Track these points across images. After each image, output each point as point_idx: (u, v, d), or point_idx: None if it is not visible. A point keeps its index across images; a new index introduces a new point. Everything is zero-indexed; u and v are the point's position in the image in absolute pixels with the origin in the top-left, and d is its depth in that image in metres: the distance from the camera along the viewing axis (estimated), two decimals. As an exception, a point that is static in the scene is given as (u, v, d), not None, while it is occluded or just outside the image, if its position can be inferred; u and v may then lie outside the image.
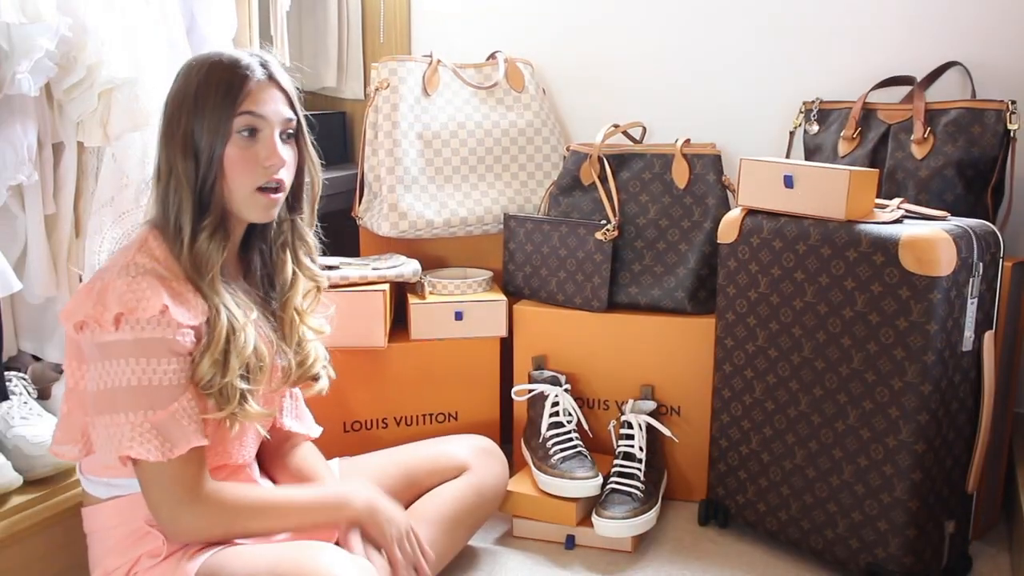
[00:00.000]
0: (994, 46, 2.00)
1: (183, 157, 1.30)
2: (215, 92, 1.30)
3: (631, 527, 1.77)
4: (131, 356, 1.25)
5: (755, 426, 1.78)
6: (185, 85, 1.32)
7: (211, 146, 1.30)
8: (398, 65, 2.19)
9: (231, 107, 1.30)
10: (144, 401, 1.25)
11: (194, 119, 1.30)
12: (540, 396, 1.97)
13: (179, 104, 1.32)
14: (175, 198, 1.31)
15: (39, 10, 1.43)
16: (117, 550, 1.35)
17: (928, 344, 1.53)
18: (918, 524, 1.59)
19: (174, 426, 1.26)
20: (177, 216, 1.31)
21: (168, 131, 1.32)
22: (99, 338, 1.25)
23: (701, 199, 2.02)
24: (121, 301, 1.23)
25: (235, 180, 1.32)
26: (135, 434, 1.24)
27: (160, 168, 1.34)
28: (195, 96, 1.30)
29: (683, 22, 2.28)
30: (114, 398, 1.25)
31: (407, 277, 2.08)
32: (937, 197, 1.84)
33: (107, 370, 1.25)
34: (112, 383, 1.25)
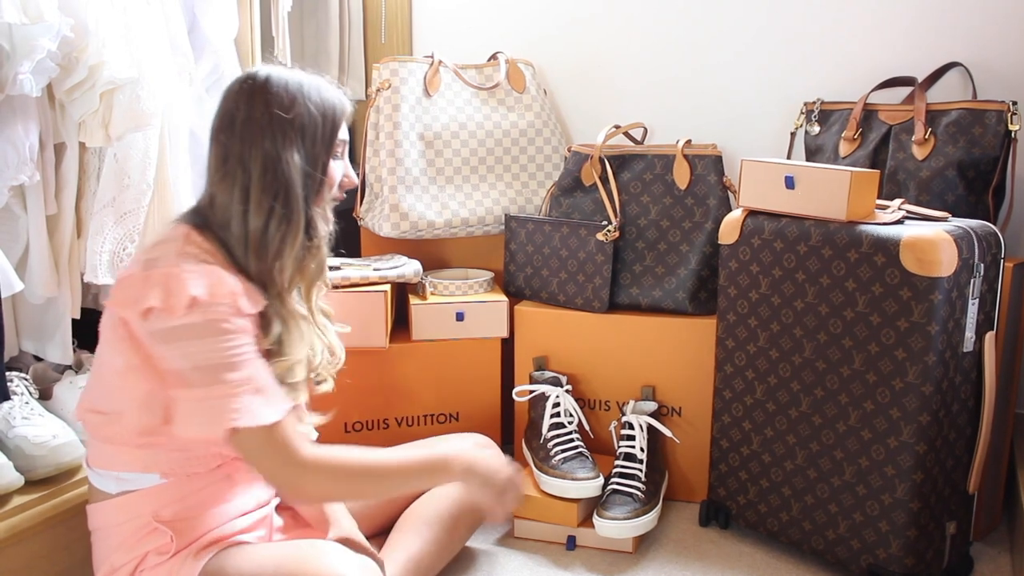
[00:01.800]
0: (995, 47, 2.00)
1: (300, 175, 1.35)
2: (323, 118, 1.38)
3: (632, 528, 1.77)
4: (208, 336, 1.26)
5: (756, 427, 1.78)
6: (287, 105, 1.35)
7: (323, 166, 1.39)
8: (399, 66, 2.19)
9: (335, 133, 1.40)
10: (234, 373, 1.27)
11: (303, 139, 1.36)
12: (541, 397, 1.97)
13: (285, 124, 1.35)
14: (285, 215, 1.34)
15: (41, 10, 1.43)
16: (124, 547, 1.35)
17: (929, 345, 1.53)
18: (919, 525, 1.59)
19: (271, 389, 1.30)
20: (284, 235, 1.35)
21: (273, 147, 1.34)
22: (171, 321, 1.25)
23: (702, 200, 2.02)
24: (196, 285, 1.26)
25: (326, 196, 1.42)
26: (239, 403, 1.26)
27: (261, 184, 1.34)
28: (307, 118, 1.36)
29: (685, 23, 2.28)
30: (203, 374, 1.26)
31: (408, 278, 2.08)
32: (938, 198, 1.84)
33: (188, 350, 1.26)
34: (196, 361, 1.26)
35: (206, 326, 1.26)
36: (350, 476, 1.36)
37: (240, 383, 1.26)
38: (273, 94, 1.35)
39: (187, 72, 1.79)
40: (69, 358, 1.77)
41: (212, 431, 1.26)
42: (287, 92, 1.36)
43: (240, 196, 1.34)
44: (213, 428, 1.26)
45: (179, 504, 1.35)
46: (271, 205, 1.33)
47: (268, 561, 1.31)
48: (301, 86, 1.37)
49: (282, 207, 1.34)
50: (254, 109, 1.35)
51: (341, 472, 1.35)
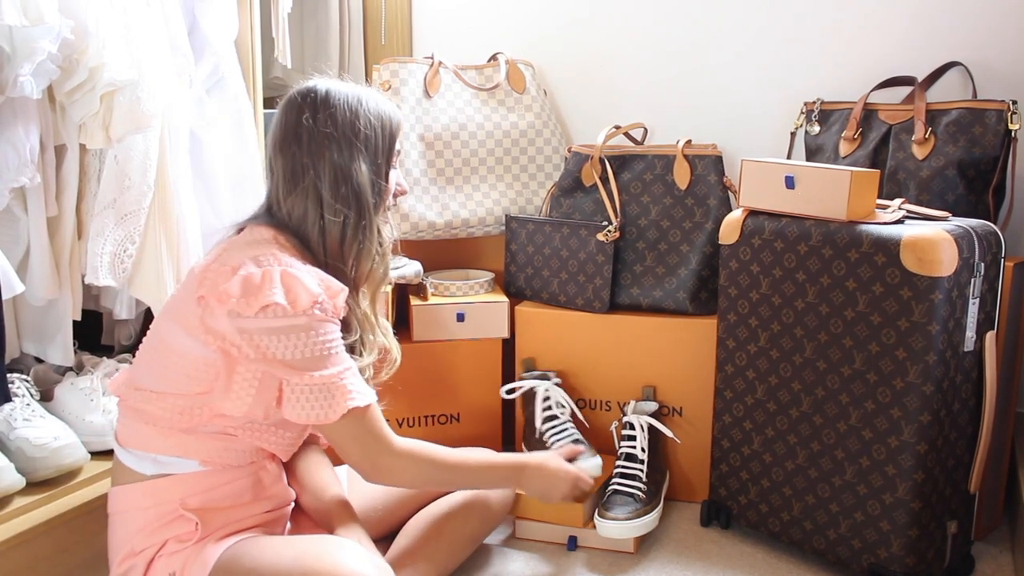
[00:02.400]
0: (995, 46, 2.00)
1: (369, 185, 1.43)
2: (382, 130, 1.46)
3: (633, 528, 1.77)
4: (320, 329, 1.34)
5: (757, 427, 1.78)
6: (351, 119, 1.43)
7: (385, 175, 1.47)
8: (399, 67, 2.19)
9: (394, 144, 1.48)
10: (339, 361, 1.37)
11: (367, 150, 1.43)
12: (530, 393, 1.97)
13: (351, 137, 1.42)
14: (361, 222, 1.43)
15: (41, 12, 1.43)
16: (146, 531, 1.35)
17: (930, 344, 1.53)
18: (920, 524, 1.59)
19: (364, 378, 1.42)
20: (363, 240, 1.43)
21: (341, 158, 1.42)
22: (291, 318, 1.31)
23: (703, 200, 2.02)
24: (316, 284, 1.34)
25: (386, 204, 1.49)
26: (350, 386, 1.36)
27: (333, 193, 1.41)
28: (371, 130, 1.44)
29: (684, 23, 2.28)
30: (323, 359, 1.34)
31: (409, 278, 2.09)
32: (938, 197, 1.84)
33: (306, 341, 1.33)
34: (316, 351, 1.33)
35: (318, 322, 1.33)
36: (435, 466, 1.50)
37: (345, 369, 1.36)
38: (337, 107, 1.43)
39: (187, 73, 1.79)
40: (70, 360, 1.78)
41: (323, 415, 1.34)
42: (349, 104, 1.43)
43: (315, 205, 1.41)
44: (326, 412, 1.34)
45: (207, 494, 1.37)
46: (345, 215, 1.41)
47: (286, 554, 1.32)
48: (360, 99, 1.45)
49: (356, 215, 1.42)
50: (320, 121, 1.42)
51: (427, 462, 1.49)
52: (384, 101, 1.48)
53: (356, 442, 1.40)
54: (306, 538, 1.40)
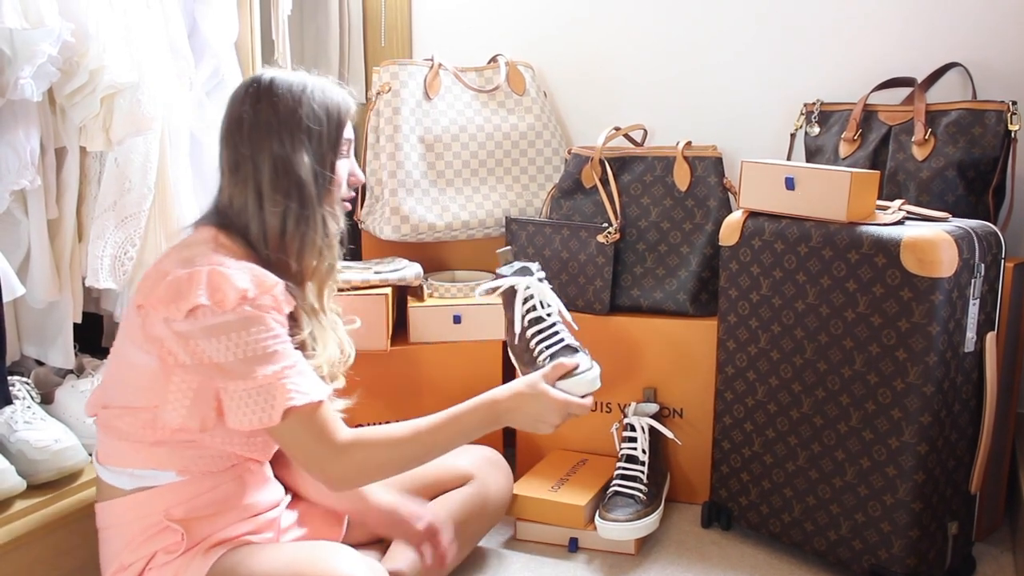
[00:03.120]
0: (995, 47, 2.00)
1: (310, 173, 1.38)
2: (329, 117, 1.41)
3: (634, 530, 1.77)
4: (253, 326, 1.28)
5: (758, 428, 1.78)
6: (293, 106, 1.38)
7: (331, 165, 1.41)
8: (399, 69, 2.19)
9: (341, 132, 1.43)
10: (280, 360, 1.30)
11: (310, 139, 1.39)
12: (511, 292, 1.67)
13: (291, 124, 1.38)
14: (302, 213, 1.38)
15: (41, 15, 1.43)
16: (132, 545, 1.35)
17: (930, 345, 1.53)
18: (921, 525, 1.59)
19: (310, 374, 1.34)
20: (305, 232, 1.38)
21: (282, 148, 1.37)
22: (217, 317, 1.27)
23: (703, 201, 2.03)
24: (242, 279, 1.29)
25: (335, 196, 1.44)
26: (290, 384, 1.29)
27: (272, 184, 1.37)
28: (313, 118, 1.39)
29: (684, 25, 2.28)
30: (251, 364, 1.28)
31: (409, 280, 2.08)
32: (938, 198, 1.84)
33: (241, 341, 1.28)
34: (248, 352, 1.28)
35: (252, 319, 1.29)
36: (391, 446, 1.38)
37: (287, 367, 1.30)
38: (279, 96, 1.38)
39: (187, 76, 1.79)
40: (71, 362, 1.78)
41: (266, 417, 1.28)
42: (292, 94, 1.39)
43: (254, 197, 1.37)
44: (268, 414, 1.28)
45: (190, 503, 1.36)
46: (285, 205, 1.37)
47: (278, 562, 1.32)
48: (305, 87, 1.40)
49: (297, 206, 1.37)
50: (261, 112, 1.38)
51: (380, 446, 1.37)
52: (332, 89, 1.44)
53: (300, 446, 1.33)
54: (300, 545, 1.39)
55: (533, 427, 1.48)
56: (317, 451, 1.32)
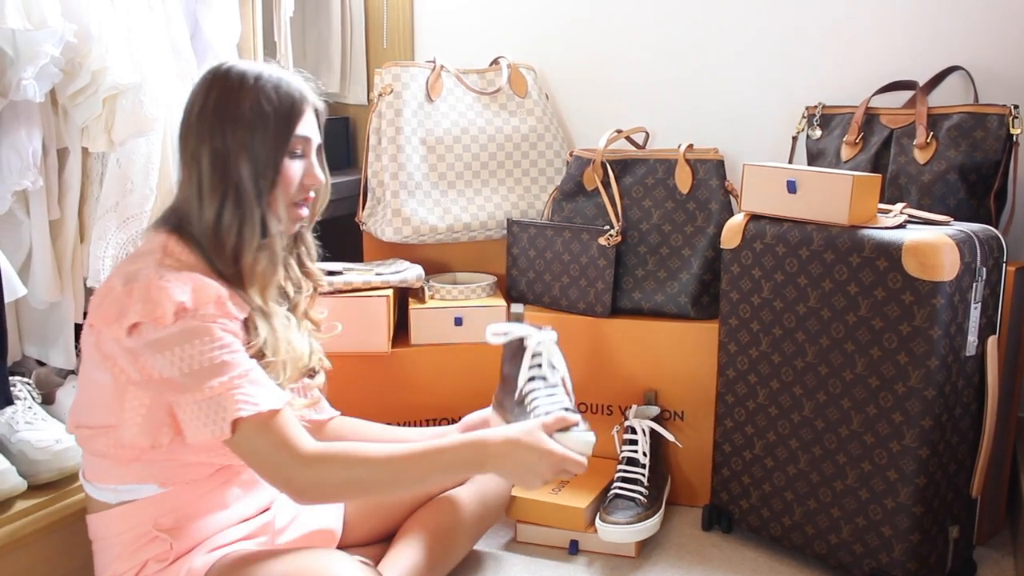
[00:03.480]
0: (997, 50, 2.00)
1: (248, 168, 1.33)
2: (277, 111, 1.34)
3: (635, 532, 1.77)
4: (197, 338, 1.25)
5: (758, 431, 1.78)
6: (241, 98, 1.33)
7: (274, 163, 1.34)
8: (401, 71, 2.19)
9: (290, 129, 1.35)
10: (228, 370, 1.26)
11: (255, 133, 1.33)
12: (519, 345, 1.59)
13: (236, 116, 1.33)
14: (236, 211, 1.33)
15: (44, 16, 1.44)
16: (124, 555, 1.35)
17: (931, 349, 1.53)
18: (922, 529, 1.58)
19: (264, 382, 1.29)
20: (240, 229, 1.33)
21: (225, 145, 1.33)
22: (158, 332, 1.25)
23: (704, 204, 2.03)
24: (179, 293, 1.25)
25: (281, 197, 1.37)
26: (239, 395, 1.25)
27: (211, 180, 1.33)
28: (258, 111, 1.33)
29: (686, 27, 2.28)
30: (199, 377, 1.25)
31: (410, 282, 2.09)
32: (940, 202, 1.84)
33: (179, 356, 1.25)
34: (192, 366, 1.25)
35: (195, 331, 1.25)
36: (364, 465, 1.31)
37: (237, 376, 1.26)
38: (229, 87, 1.34)
39: (190, 77, 1.79)
40: (72, 363, 1.78)
41: (218, 430, 1.24)
42: (242, 85, 1.34)
43: (195, 191, 1.34)
44: (219, 426, 1.24)
45: (179, 512, 1.35)
46: (221, 201, 1.32)
47: (273, 569, 1.31)
48: (259, 78, 1.34)
49: (233, 205, 1.32)
50: (207, 102, 1.34)
51: (351, 462, 1.30)
52: (289, 82, 1.36)
53: (258, 456, 1.28)
54: (294, 552, 1.37)
55: (521, 478, 1.36)
56: (278, 460, 1.27)
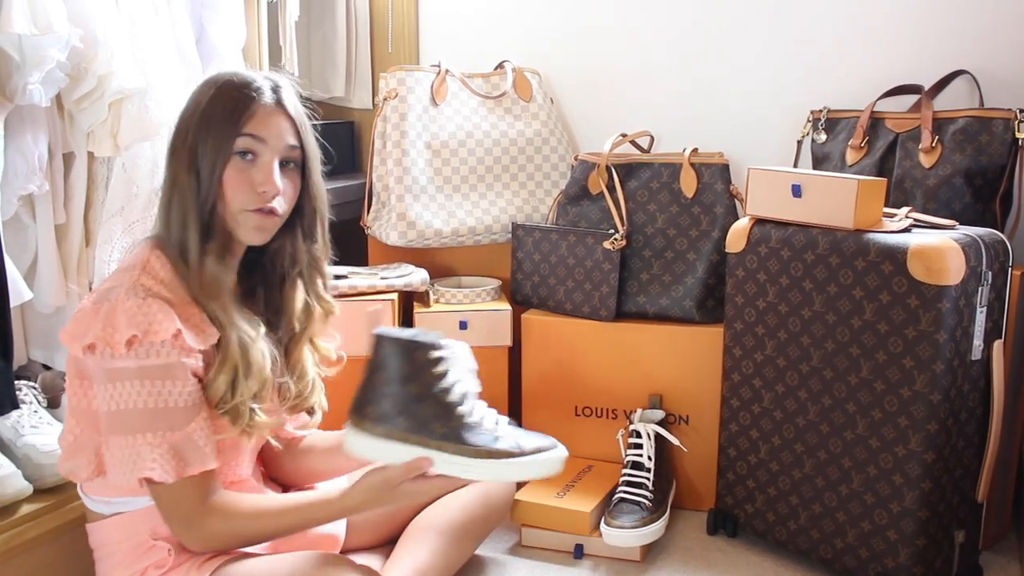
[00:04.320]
0: (1002, 54, 2.00)
1: (187, 173, 1.30)
2: (221, 110, 1.30)
3: (640, 536, 1.76)
4: (145, 379, 1.24)
5: (764, 435, 1.78)
6: (196, 101, 1.33)
7: (213, 164, 1.29)
8: (406, 75, 2.19)
9: (234, 127, 1.30)
10: (162, 423, 1.25)
11: (199, 136, 1.30)
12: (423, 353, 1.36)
13: (187, 119, 1.32)
14: (178, 214, 1.31)
15: (50, 21, 1.44)
16: (123, 564, 1.35)
17: (937, 353, 1.52)
18: (928, 534, 1.58)
19: (191, 447, 1.27)
20: (181, 234, 1.31)
21: (173, 146, 1.33)
22: (110, 361, 1.24)
23: (709, 208, 2.02)
24: (133, 323, 1.23)
25: (231, 201, 1.31)
26: (155, 455, 1.24)
27: (164, 183, 1.34)
28: (203, 113, 1.30)
29: (691, 32, 2.28)
30: (130, 420, 1.25)
31: (415, 286, 2.09)
32: (945, 206, 1.84)
33: (120, 392, 1.25)
34: (126, 405, 1.25)
35: (141, 370, 1.24)
36: (242, 522, 1.32)
37: (163, 434, 1.25)
38: (196, 93, 1.33)
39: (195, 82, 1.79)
40: (77, 367, 1.78)
41: (127, 479, 1.25)
42: (206, 86, 1.33)
43: (162, 207, 1.34)
44: (128, 476, 1.25)
45: None
46: (167, 207, 1.32)
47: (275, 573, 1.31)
48: (220, 79, 1.32)
49: (178, 208, 1.30)
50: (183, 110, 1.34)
51: (233, 520, 1.31)
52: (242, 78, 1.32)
53: (160, 502, 1.29)
54: (297, 555, 1.37)
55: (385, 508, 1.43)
56: (176, 512, 1.29)
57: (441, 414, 1.30)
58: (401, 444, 1.31)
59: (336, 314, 1.52)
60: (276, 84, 1.35)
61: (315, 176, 1.40)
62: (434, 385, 1.30)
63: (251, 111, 1.31)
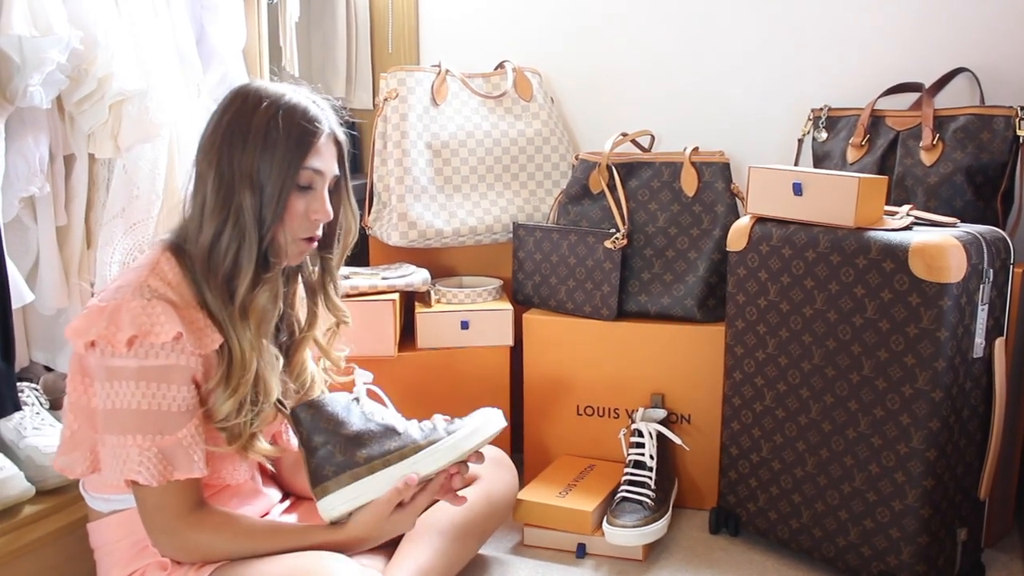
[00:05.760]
0: (1003, 52, 2.00)
1: (251, 195, 1.29)
2: (287, 139, 1.30)
3: (642, 535, 1.76)
4: (141, 380, 1.25)
5: (766, 434, 1.78)
6: (252, 121, 1.30)
7: (279, 191, 1.30)
8: (407, 75, 2.19)
9: (300, 159, 1.30)
10: (153, 426, 1.26)
11: (262, 159, 1.29)
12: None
13: (244, 139, 1.30)
14: (235, 233, 1.30)
15: (50, 23, 1.44)
16: (122, 563, 1.35)
17: (939, 351, 1.52)
18: (930, 532, 1.58)
19: (180, 453, 1.27)
20: (237, 253, 1.30)
21: (230, 163, 1.30)
22: (109, 360, 1.25)
23: (710, 207, 2.02)
24: (135, 324, 1.24)
25: (286, 230, 1.33)
26: (143, 458, 1.25)
27: (215, 198, 1.31)
28: (266, 136, 1.29)
29: (691, 30, 2.28)
30: (123, 420, 1.25)
31: (416, 286, 2.09)
32: (946, 204, 1.84)
33: (117, 391, 1.25)
34: (121, 404, 1.25)
35: (139, 370, 1.25)
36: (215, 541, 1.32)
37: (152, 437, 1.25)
38: (243, 108, 1.31)
39: (195, 83, 1.80)
40: (79, 368, 1.78)
41: (114, 478, 1.26)
42: (255, 108, 1.31)
43: (199, 211, 1.32)
44: (115, 475, 1.26)
45: None
46: (220, 226, 1.30)
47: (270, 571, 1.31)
48: (274, 103, 1.31)
49: (232, 229, 1.30)
50: (222, 122, 1.32)
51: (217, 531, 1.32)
52: (305, 109, 1.32)
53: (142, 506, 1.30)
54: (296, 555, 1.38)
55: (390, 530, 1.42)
56: (156, 519, 1.30)
57: (382, 436, 1.39)
58: (370, 477, 1.37)
59: (350, 325, 1.53)
60: (328, 114, 1.36)
61: (350, 195, 1.44)
62: (358, 422, 1.39)
63: (317, 146, 1.32)
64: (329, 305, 1.50)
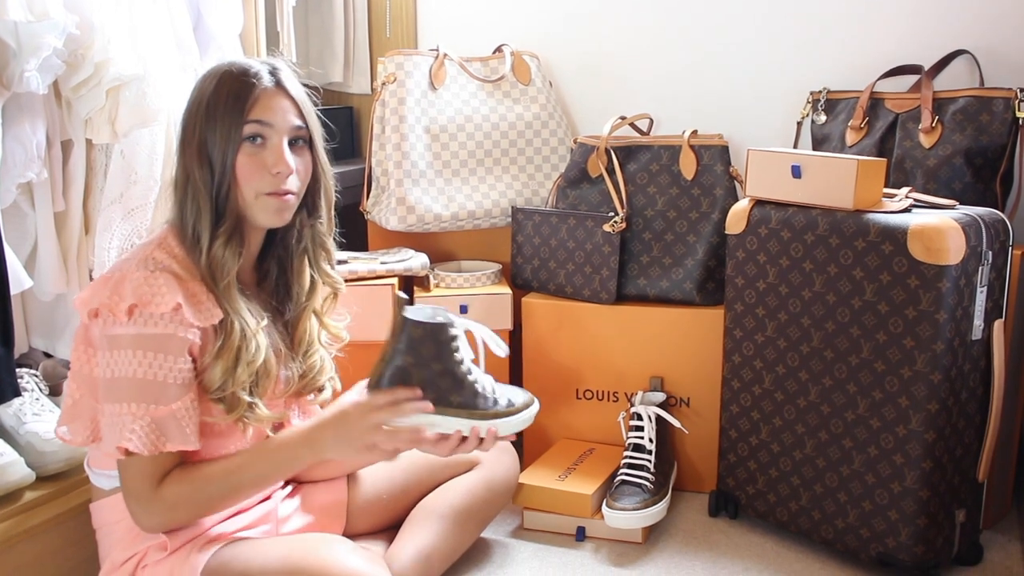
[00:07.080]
0: (1002, 34, 1.99)
1: (199, 165, 1.33)
2: (224, 101, 1.32)
3: (641, 518, 1.77)
4: (139, 348, 1.26)
5: (764, 416, 1.78)
6: (199, 95, 1.35)
7: (224, 154, 1.32)
8: (404, 59, 2.19)
9: (240, 115, 1.32)
10: (148, 395, 1.26)
11: (207, 128, 1.33)
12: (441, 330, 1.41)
13: (193, 113, 1.35)
14: (192, 205, 1.34)
15: (47, 8, 1.44)
16: (123, 543, 1.36)
17: (937, 333, 1.52)
18: (929, 513, 1.59)
19: (173, 425, 1.28)
20: (195, 222, 1.33)
21: (184, 140, 1.35)
22: (110, 328, 1.27)
23: (709, 190, 2.02)
24: (136, 293, 1.26)
25: (246, 187, 1.34)
26: (136, 426, 1.26)
27: (178, 175, 1.36)
28: (207, 105, 1.33)
29: (689, 13, 2.27)
30: (120, 388, 1.27)
31: (415, 271, 2.09)
32: (945, 186, 1.84)
33: (115, 360, 1.27)
34: (119, 373, 1.27)
35: (138, 338, 1.26)
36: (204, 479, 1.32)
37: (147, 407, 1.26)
38: (200, 84, 1.36)
39: (192, 68, 1.79)
40: (79, 354, 1.78)
41: (111, 447, 1.27)
42: (204, 83, 1.35)
43: (178, 201, 1.36)
44: (112, 445, 1.27)
45: None
46: (181, 196, 1.34)
47: (273, 554, 1.32)
48: (219, 71, 1.35)
49: (190, 198, 1.33)
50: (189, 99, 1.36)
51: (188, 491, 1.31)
52: (240, 66, 1.34)
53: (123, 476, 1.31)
54: (296, 537, 1.38)
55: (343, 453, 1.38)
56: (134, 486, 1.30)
57: (456, 386, 1.37)
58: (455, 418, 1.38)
59: (343, 291, 1.54)
60: (274, 67, 1.38)
61: (320, 153, 1.43)
62: (451, 361, 1.37)
63: (254, 97, 1.33)
64: (321, 273, 1.49)
